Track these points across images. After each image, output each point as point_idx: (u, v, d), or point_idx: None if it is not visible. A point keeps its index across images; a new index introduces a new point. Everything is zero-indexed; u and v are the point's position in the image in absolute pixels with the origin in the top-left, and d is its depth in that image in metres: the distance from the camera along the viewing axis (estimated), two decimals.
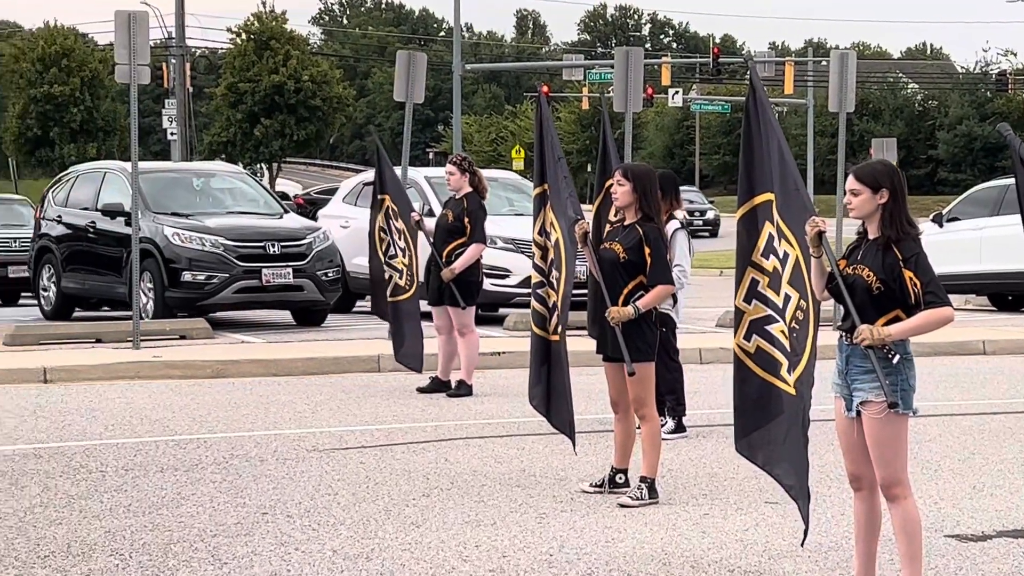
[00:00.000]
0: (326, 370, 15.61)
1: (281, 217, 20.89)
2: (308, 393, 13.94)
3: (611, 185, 9.43)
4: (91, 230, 20.73)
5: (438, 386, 13.85)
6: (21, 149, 63.38)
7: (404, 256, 13.97)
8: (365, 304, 23.48)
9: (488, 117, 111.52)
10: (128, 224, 18.97)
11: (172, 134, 54.28)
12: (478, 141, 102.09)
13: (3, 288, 28.07)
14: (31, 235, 24.55)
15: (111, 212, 20.28)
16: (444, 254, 13.48)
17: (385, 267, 14.28)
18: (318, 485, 9.43)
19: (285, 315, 20.97)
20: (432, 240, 13.72)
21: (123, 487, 9.37)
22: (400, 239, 13.96)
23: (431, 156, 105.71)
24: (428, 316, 13.98)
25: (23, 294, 28.08)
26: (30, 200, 31.51)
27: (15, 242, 27.27)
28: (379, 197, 14.36)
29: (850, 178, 6.49)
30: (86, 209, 21.07)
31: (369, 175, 24.09)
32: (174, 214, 19.88)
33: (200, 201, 20.83)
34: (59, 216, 21.54)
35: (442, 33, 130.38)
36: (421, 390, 13.86)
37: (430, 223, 14.16)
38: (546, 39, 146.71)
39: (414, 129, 19.19)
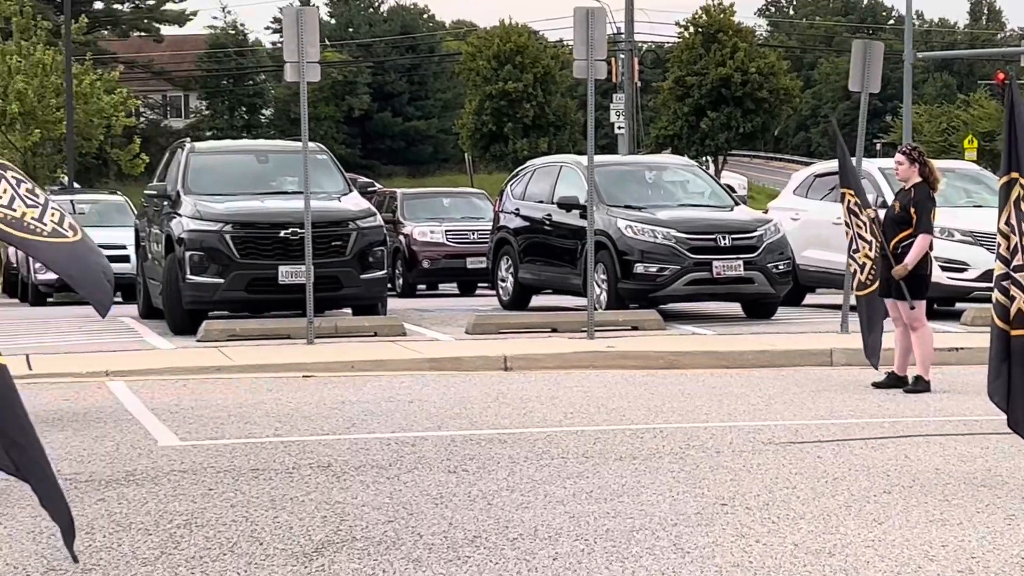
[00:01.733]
0: (777, 363, 15.54)
1: (732, 209, 20.90)
2: (760, 386, 13.91)
3: None
4: (547, 222, 21.27)
5: (894, 382, 13.58)
6: (476, 144, 65.57)
7: (870, 249, 13.75)
8: (815, 297, 23.31)
9: (939, 106, 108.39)
10: (583, 217, 19.38)
11: (619, 128, 55.16)
12: (928, 131, 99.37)
13: (462, 278, 29.20)
14: (488, 227, 25.43)
15: (566, 205, 20.74)
16: (892, 245, 13.32)
17: (849, 261, 14.18)
18: (775, 478, 9.39)
19: (734, 307, 20.98)
20: (882, 232, 13.54)
21: (584, 474, 9.57)
22: (866, 232, 13.77)
23: (878, 147, 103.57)
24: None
25: (479, 284, 29.13)
26: (487, 193, 32.65)
27: (473, 234, 28.32)
28: (840, 190, 14.26)
29: None
30: (541, 202, 21.64)
31: (820, 167, 23.92)
32: (627, 207, 20.17)
33: (652, 194, 21.07)
34: (517, 209, 22.20)
35: (891, 21, 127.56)
36: (877, 385, 13.63)
37: (882, 214, 13.99)
38: (1001, 25, 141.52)
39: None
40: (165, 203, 19.59)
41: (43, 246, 10.79)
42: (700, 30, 65.01)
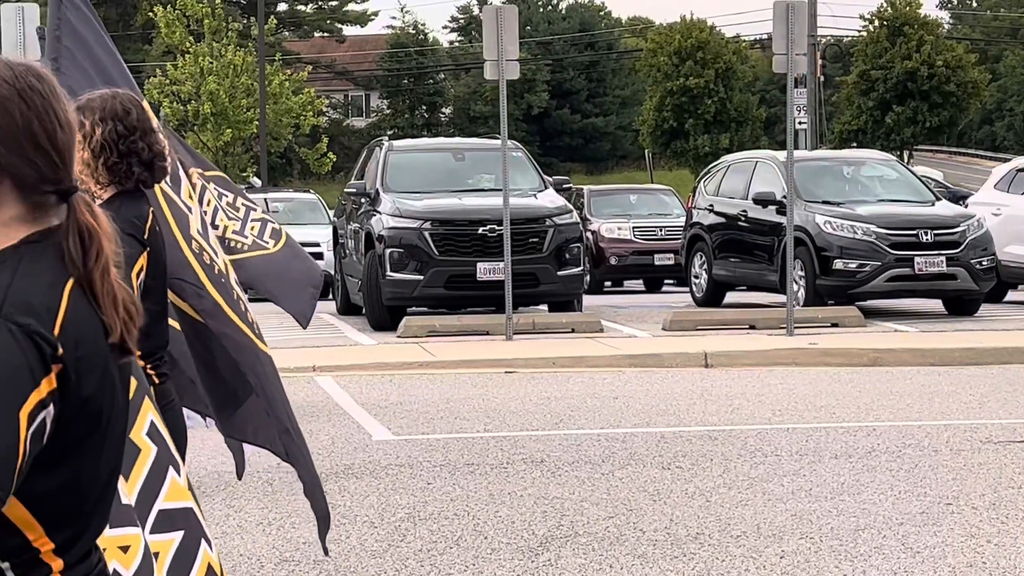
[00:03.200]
0: (985, 360, 15.21)
1: (933, 205, 20.52)
2: (970, 383, 13.64)
3: None
4: (742, 219, 21.08)
5: None
6: (656, 141, 65.31)
7: None
8: (1018, 294, 22.78)
9: None
10: (779, 213, 19.18)
11: (801, 123, 54.52)
12: None
13: (649, 275, 29.08)
14: (675, 224, 25.27)
15: (762, 201, 20.52)
16: None
17: None
18: (999, 477, 9.20)
19: (935, 304, 20.59)
20: None
21: (800, 471, 9.47)
22: None
23: None
24: None
25: (666, 281, 29.01)
26: (674, 189, 32.51)
27: (661, 230, 28.19)
28: None
29: None
30: (735, 198, 21.46)
31: (1022, 160, 23.35)
32: (825, 202, 19.90)
33: (850, 189, 20.77)
34: (711, 205, 22.04)
35: None
36: None
37: None
38: None
39: None
40: (364, 201, 19.84)
41: (243, 263, 10.99)
42: (885, 23, 63.94)
